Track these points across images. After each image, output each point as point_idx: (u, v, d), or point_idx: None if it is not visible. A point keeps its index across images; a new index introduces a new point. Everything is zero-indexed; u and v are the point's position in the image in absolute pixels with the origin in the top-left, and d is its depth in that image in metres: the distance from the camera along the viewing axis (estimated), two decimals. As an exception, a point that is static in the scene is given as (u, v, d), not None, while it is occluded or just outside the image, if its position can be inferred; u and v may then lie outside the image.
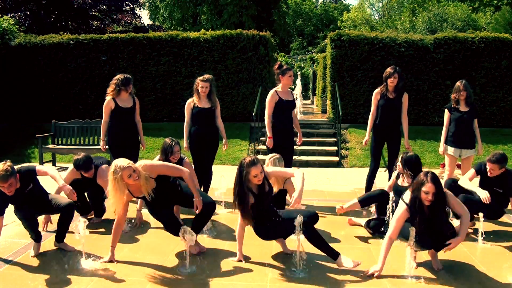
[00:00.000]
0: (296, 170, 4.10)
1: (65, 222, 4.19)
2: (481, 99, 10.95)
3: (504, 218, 5.17)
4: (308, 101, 22.55)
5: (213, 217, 4.41)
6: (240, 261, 3.95)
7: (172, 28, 27.75)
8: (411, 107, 11.05)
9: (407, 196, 3.72)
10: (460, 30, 20.42)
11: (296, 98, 14.99)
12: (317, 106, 18.18)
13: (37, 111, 11.69)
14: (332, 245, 3.90)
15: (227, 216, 5.32)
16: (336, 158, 9.79)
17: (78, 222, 3.77)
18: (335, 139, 10.52)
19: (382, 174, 6.66)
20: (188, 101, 5.94)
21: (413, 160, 4.45)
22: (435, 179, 3.57)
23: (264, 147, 10.30)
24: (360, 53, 11.02)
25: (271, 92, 5.60)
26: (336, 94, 10.71)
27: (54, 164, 9.51)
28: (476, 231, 4.66)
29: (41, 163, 9.08)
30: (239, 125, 11.24)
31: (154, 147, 10.33)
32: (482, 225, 4.47)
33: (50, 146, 9.41)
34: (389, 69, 5.95)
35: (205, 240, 4.55)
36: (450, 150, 5.93)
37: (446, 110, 6.05)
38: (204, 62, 11.46)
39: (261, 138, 10.69)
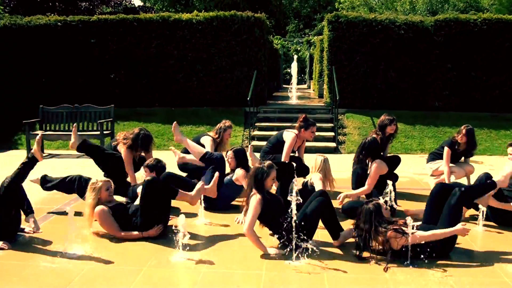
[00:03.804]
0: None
1: None
2: (483, 82, 10.94)
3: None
4: (305, 86, 22.50)
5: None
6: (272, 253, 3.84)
7: (164, 9, 27.43)
8: (410, 91, 11.06)
9: None
10: (462, 12, 20.34)
11: (291, 82, 15.06)
12: (313, 90, 18.14)
13: (24, 96, 11.56)
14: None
15: (206, 228, 4.83)
16: (333, 144, 9.79)
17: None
18: (332, 125, 10.51)
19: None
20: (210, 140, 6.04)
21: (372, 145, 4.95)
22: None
23: (260, 132, 10.29)
24: (358, 35, 10.95)
25: (292, 135, 5.76)
26: (333, 78, 10.67)
27: (42, 151, 9.42)
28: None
29: (29, 150, 9.02)
30: (234, 110, 11.19)
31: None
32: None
33: (38, 132, 9.33)
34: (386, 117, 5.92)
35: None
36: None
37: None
38: (197, 44, 11.35)
39: (256, 124, 10.66)
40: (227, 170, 5.43)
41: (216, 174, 4.80)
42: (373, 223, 3.72)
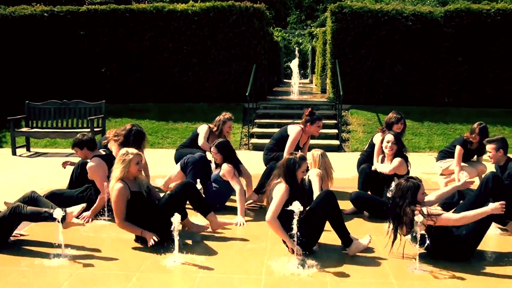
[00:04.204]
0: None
1: None
2: (496, 77, 10.93)
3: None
4: (307, 80, 22.51)
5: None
6: (295, 252, 3.79)
7: (158, -1, 27.41)
8: (417, 85, 11.06)
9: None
10: (474, 1, 20.30)
11: (293, 77, 15.07)
12: (316, 85, 18.14)
13: (8, 91, 11.54)
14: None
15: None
16: (336, 142, 9.79)
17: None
18: (335, 121, 10.51)
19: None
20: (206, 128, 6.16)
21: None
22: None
23: (259, 130, 10.29)
24: (363, 27, 10.94)
25: (298, 129, 5.71)
26: (337, 72, 10.66)
27: (28, 149, 9.43)
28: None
29: (14, 148, 9.01)
30: (232, 106, 11.17)
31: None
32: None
33: (24, 129, 9.32)
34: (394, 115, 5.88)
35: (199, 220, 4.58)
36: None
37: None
38: (192, 37, 11.34)
39: (256, 120, 10.66)
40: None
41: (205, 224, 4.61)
42: (406, 200, 3.71)
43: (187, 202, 4.44)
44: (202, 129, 6.20)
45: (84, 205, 4.21)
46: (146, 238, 4.05)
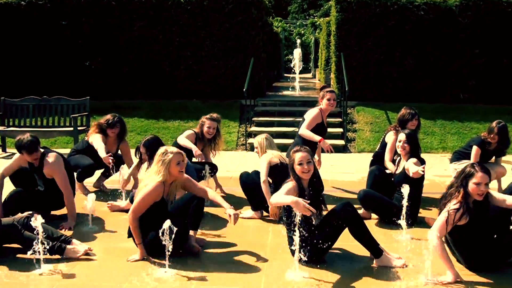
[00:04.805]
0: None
1: None
2: (518, 71, 10.94)
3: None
4: (309, 75, 22.49)
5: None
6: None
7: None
8: (430, 80, 11.07)
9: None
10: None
11: (294, 71, 15.07)
12: (319, 80, 18.13)
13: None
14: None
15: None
16: (341, 142, 9.79)
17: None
18: (340, 119, 10.52)
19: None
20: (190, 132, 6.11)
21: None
22: (484, 168, 3.73)
23: (257, 129, 10.28)
24: (371, 17, 10.95)
25: (316, 110, 5.75)
26: (342, 66, 10.67)
27: (4, 150, 9.40)
28: None
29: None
30: (228, 103, 11.19)
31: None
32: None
33: (0, 128, 9.31)
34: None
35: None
36: None
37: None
38: (185, 27, 11.34)
39: (254, 119, 10.66)
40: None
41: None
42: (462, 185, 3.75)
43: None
44: (186, 137, 5.99)
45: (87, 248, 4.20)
46: (139, 253, 4.04)
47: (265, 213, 5.25)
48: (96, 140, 5.97)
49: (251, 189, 5.25)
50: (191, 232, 4.27)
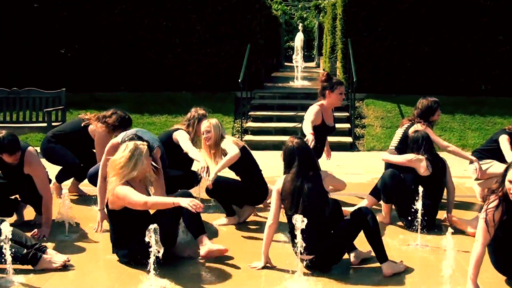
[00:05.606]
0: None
1: None
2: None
3: None
4: (313, 64, 22.51)
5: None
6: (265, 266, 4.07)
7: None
8: (448, 70, 11.07)
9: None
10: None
11: (296, 60, 15.08)
12: (324, 69, 18.15)
13: None
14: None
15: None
16: (349, 139, 9.80)
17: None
18: (347, 114, 10.53)
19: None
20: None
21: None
22: None
23: (254, 124, 10.27)
24: (382, -1, 10.98)
25: (316, 108, 5.46)
26: (349, 54, 10.67)
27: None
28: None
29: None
30: (221, 96, 11.18)
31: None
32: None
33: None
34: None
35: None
36: None
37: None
38: (173, 11, 11.32)
39: (250, 113, 10.65)
40: None
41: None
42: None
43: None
44: (181, 136, 5.82)
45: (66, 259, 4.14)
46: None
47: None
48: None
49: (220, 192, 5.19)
50: (204, 236, 4.23)
